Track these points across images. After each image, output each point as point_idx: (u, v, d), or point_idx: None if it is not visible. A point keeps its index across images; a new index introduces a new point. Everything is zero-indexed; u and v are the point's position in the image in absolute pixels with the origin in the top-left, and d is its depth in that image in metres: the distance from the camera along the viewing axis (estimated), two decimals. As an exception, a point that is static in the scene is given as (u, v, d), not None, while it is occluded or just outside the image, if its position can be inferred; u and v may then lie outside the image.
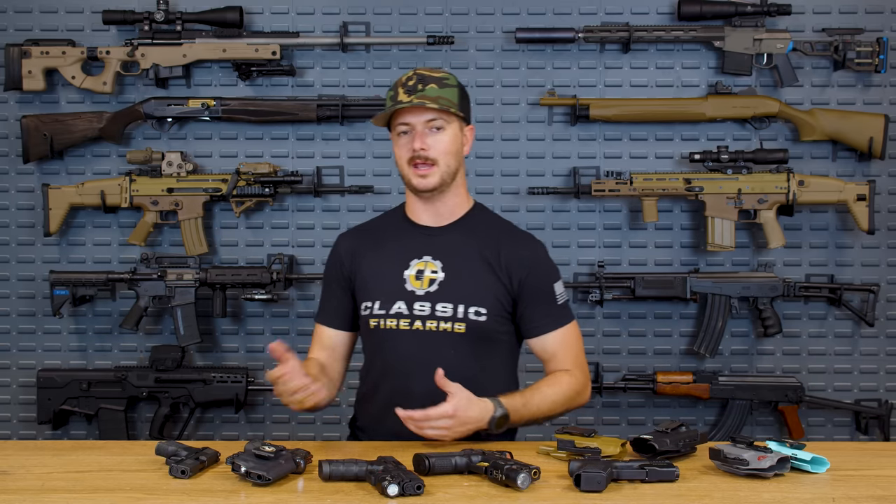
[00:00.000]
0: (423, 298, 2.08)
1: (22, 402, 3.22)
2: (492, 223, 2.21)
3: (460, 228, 2.16)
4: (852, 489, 1.65)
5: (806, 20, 3.14)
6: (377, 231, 2.23)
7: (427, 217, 2.16)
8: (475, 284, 2.09)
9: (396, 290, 2.10)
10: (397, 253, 2.14)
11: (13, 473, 1.74)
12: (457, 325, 2.06)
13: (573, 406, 2.11)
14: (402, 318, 2.08)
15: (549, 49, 3.16)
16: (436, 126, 2.07)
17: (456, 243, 2.13)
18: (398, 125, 2.08)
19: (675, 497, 1.60)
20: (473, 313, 2.07)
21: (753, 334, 3.19)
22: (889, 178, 3.17)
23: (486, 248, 2.13)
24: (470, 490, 1.63)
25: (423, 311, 2.07)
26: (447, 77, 2.11)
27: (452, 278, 2.09)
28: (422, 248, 2.13)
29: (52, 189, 3.10)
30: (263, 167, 3.09)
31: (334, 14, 3.16)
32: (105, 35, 3.15)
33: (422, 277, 2.10)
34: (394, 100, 2.08)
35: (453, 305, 2.07)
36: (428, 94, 2.05)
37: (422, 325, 2.07)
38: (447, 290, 2.08)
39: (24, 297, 3.22)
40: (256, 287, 3.08)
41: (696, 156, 3.04)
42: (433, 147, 2.06)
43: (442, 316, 2.07)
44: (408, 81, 2.08)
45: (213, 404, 3.10)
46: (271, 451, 1.67)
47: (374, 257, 2.16)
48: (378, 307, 2.10)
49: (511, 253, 2.13)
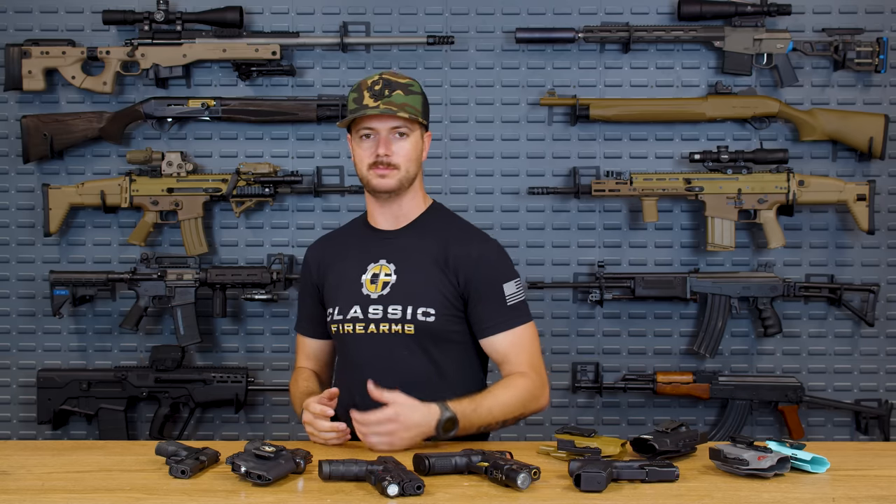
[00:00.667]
0: (375, 302, 2.11)
1: (22, 402, 3.22)
2: (445, 223, 2.21)
3: (415, 230, 2.18)
4: (852, 489, 1.65)
5: (806, 20, 3.14)
6: (341, 239, 2.28)
7: (384, 221, 2.19)
8: (424, 285, 2.11)
9: (353, 294, 2.14)
10: (357, 259, 2.18)
11: (13, 473, 1.74)
12: (406, 327, 2.09)
13: (530, 410, 2.08)
14: (357, 321, 2.12)
15: (549, 49, 3.16)
16: (399, 132, 2.10)
17: (410, 245, 2.16)
18: (362, 129, 2.10)
19: (675, 497, 1.60)
20: (421, 314, 2.08)
21: (753, 334, 3.19)
22: (889, 178, 3.17)
23: (436, 248, 2.14)
24: (470, 490, 1.63)
25: (377, 314, 2.11)
26: (412, 84, 2.13)
27: (403, 280, 2.12)
28: (378, 252, 2.17)
29: (52, 189, 3.10)
30: (263, 167, 3.09)
31: (334, 14, 3.16)
32: (105, 35, 3.15)
33: (376, 281, 2.13)
34: (358, 102, 2.09)
35: (402, 307, 2.09)
36: (394, 100, 2.07)
37: (375, 328, 2.10)
38: (397, 292, 2.11)
39: (24, 297, 3.22)
40: (256, 287, 3.08)
41: (696, 156, 3.04)
42: (396, 153, 2.09)
43: (392, 318, 2.09)
44: (374, 86, 2.09)
45: (213, 404, 3.10)
46: (271, 451, 1.67)
47: (338, 265, 2.21)
48: (337, 312, 2.15)
49: (459, 252, 2.12)
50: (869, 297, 3.10)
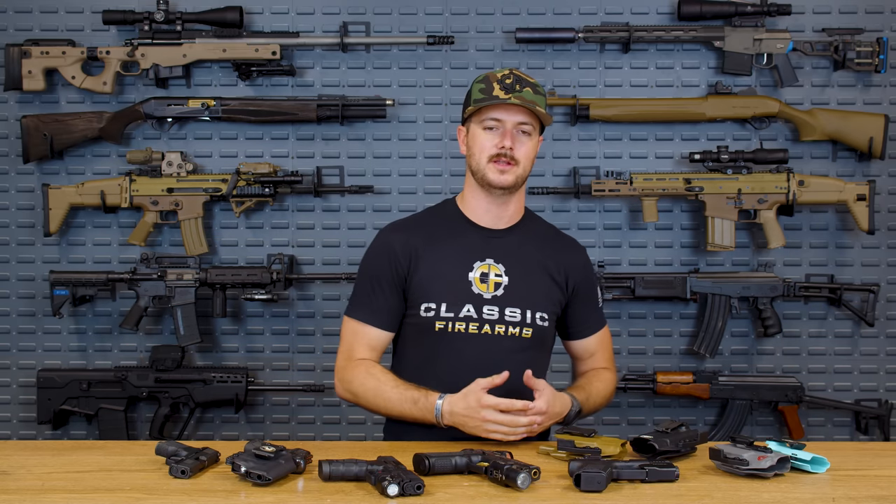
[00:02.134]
0: (490, 302, 2.09)
1: (22, 402, 3.22)
2: (544, 228, 2.25)
3: (518, 232, 2.17)
4: (852, 489, 1.65)
5: (806, 20, 3.14)
6: (429, 228, 2.17)
7: (489, 218, 2.16)
8: (538, 290, 2.12)
9: (463, 292, 2.09)
10: (458, 253, 2.12)
11: (13, 473, 1.74)
12: (524, 330, 2.09)
13: (609, 402, 2.24)
14: (471, 321, 2.08)
15: (549, 49, 3.16)
16: (524, 130, 2.08)
17: (515, 247, 2.14)
18: (488, 119, 2.07)
19: (675, 497, 1.60)
20: (539, 318, 2.11)
21: (753, 334, 3.19)
22: (889, 178, 3.17)
23: (542, 253, 2.16)
24: (470, 490, 1.63)
25: (492, 315, 2.09)
26: (539, 85, 2.12)
27: (517, 283, 2.11)
28: (484, 250, 2.13)
29: (52, 189, 3.10)
30: (263, 167, 3.09)
31: (334, 14, 3.16)
32: (105, 35, 3.15)
33: (487, 280, 2.10)
34: (486, 93, 2.06)
35: (521, 310, 2.09)
36: (525, 96, 2.06)
37: (490, 329, 2.08)
38: (513, 295, 2.10)
39: (24, 297, 3.22)
40: (256, 287, 3.08)
41: (696, 156, 3.04)
42: (519, 149, 2.08)
43: (511, 321, 2.09)
44: (504, 79, 2.07)
45: (213, 404, 3.10)
46: (271, 451, 1.67)
47: (432, 256, 2.12)
48: (445, 309, 2.08)
49: (566, 258, 2.19)
50: (869, 297, 3.10)
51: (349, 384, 2.10)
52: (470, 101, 2.11)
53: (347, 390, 2.11)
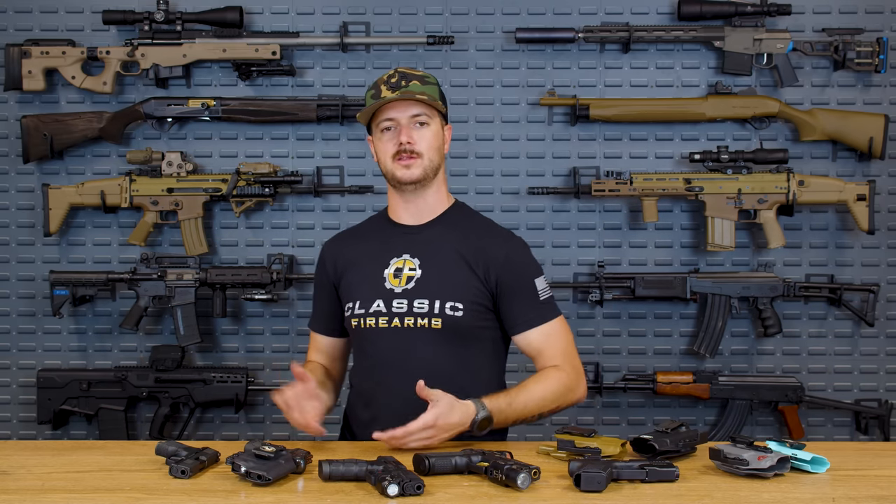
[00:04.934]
0: (400, 296, 2.09)
1: (22, 402, 3.22)
2: (470, 220, 2.21)
3: (439, 226, 2.17)
4: (852, 489, 1.65)
5: (806, 20, 3.14)
6: (361, 234, 2.25)
7: (407, 215, 2.17)
8: (451, 280, 2.09)
9: (376, 289, 2.11)
10: (378, 253, 2.16)
11: (13, 473, 1.74)
12: (433, 321, 2.06)
13: (566, 403, 2.09)
14: (380, 315, 2.09)
15: (549, 49, 3.16)
16: (420, 121, 2.09)
17: (434, 241, 2.14)
18: (382, 121, 2.10)
19: (675, 497, 1.60)
20: (449, 308, 2.06)
21: (753, 334, 3.19)
22: (889, 178, 3.17)
23: (463, 244, 2.13)
24: (470, 490, 1.63)
25: (401, 307, 2.08)
26: (428, 76, 2.14)
27: (429, 275, 2.10)
28: (401, 246, 2.15)
29: (52, 189, 3.10)
30: (263, 167, 3.09)
31: (334, 14, 3.16)
32: (105, 35, 3.15)
33: (400, 275, 2.11)
34: (376, 97, 2.09)
35: (429, 301, 2.07)
36: (412, 89, 2.08)
37: (399, 322, 2.08)
38: (424, 287, 2.09)
39: (24, 297, 3.22)
40: (256, 287, 3.08)
41: (696, 156, 3.04)
42: (418, 141, 2.08)
43: (419, 312, 2.07)
44: (390, 79, 2.10)
45: (213, 404, 3.10)
46: (271, 451, 1.67)
47: (357, 260, 2.18)
48: (358, 307, 2.12)
49: (488, 250, 2.12)
50: (869, 297, 3.10)
51: None
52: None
53: None
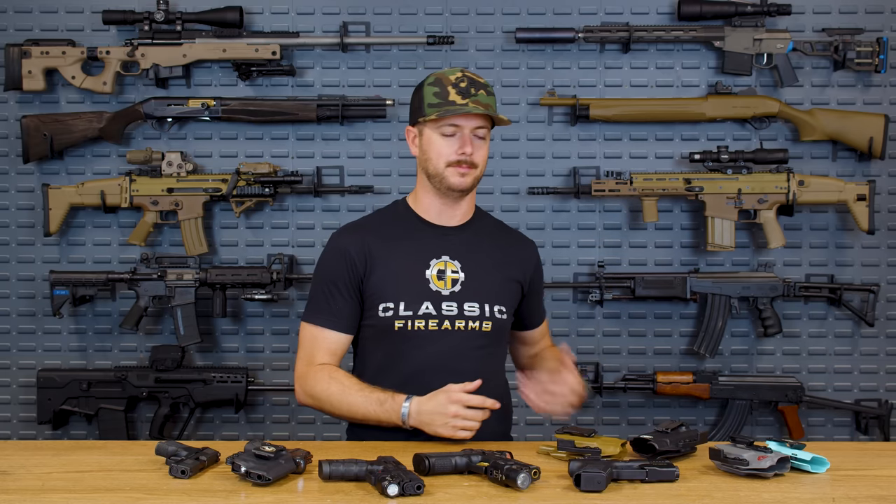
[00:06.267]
0: (448, 298, 2.10)
1: (22, 402, 3.22)
2: (493, 224, 2.28)
3: (470, 229, 2.19)
4: (852, 489, 1.65)
5: (806, 20, 3.14)
6: (382, 228, 2.18)
7: (443, 218, 2.17)
8: (494, 283, 2.14)
9: (421, 290, 2.09)
10: (414, 252, 2.13)
11: (13, 473, 1.74)
12: (484, 324, 2.10)
13: None
14: (430, 318, 2.08)
15: (549, 49, 3.16)
16: (479, 135, 2.09)
17: (469, 243, 2.16)
18: (447, 125, 2.07)
19: (675, 497, 1.60)
20: (498, 311, 2.13)
21: (753, 334, 3.19)
22: (889, 178, 3.17)
23: (493, 247, 2.19)
24: (470, 490, 1.63)
25: (451, 311, 2.09)
26: (489, 85, 2.12)
27: (473, 278, 2.12)
28: (439, 248, 2.14)
29: (52, 189, 3.10)
30: (263, 167, 3.09)
31: (334, 14, 3.16)
32: (105, 35, 3.15)
33: (444, 277, 2.11)
34: (441, 97, 2.06)
35: (479, 304, 2.11)
36: (480, 100, 2.06)
37: (450, 325, 2.08)
38: (471, 290, 2.11)
39: (24, 297, 3.22)
40: (256, 287, 3.08)
41: (696, 156, 3.04)
42: (477, 153, 2.09)
43: (470, 315, 2.10)
44: (458, 83, 2.07)
45: (213, 404, 3.10)
46: (271, 451, 1.67)
47: (387, 256, 2.12)
48: (403, 308, 2.08)
49: (518, 253, 2.23)
50: (869, 297, 3.10)
51: (311, 389, 2.08)
52: (423, 103, 2.09)
53: (310, 395, 2.09)
